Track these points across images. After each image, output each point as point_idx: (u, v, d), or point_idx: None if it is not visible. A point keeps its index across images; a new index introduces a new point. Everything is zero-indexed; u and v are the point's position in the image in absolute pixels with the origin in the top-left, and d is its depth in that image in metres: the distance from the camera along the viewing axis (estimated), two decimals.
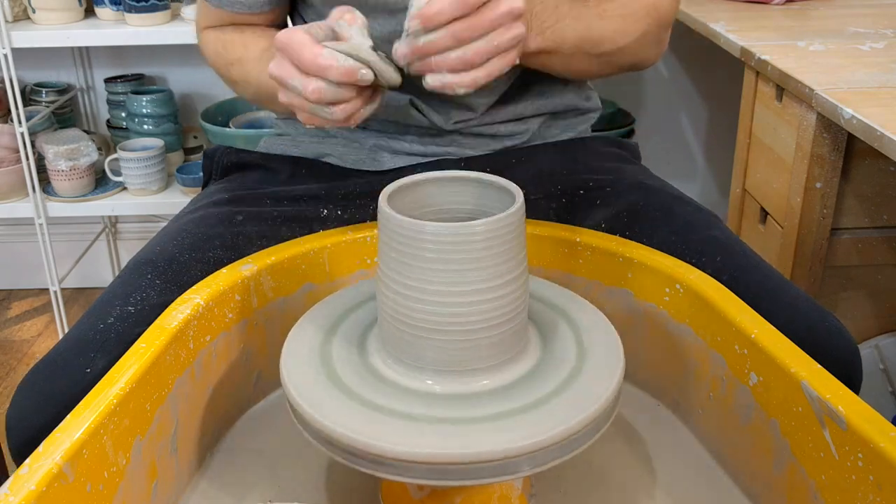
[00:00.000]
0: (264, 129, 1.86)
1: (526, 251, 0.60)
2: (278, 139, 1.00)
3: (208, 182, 1.01)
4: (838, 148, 1.19)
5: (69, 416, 0.55)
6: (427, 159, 0.92)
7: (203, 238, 0.82)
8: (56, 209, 1.90)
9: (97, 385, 0.58)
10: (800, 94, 1.17)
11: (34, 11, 1.79)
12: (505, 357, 0.60)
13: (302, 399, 0.57)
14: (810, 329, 0.71)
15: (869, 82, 1.15)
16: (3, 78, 1.76)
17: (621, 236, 0.79)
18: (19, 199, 1.92)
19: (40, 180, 1.88)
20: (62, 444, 0.53)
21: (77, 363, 0.69)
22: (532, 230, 0.76)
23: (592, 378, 0.59)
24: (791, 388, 0.59)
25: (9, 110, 1.80)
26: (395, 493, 0.63)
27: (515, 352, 0.60)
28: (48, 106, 2.01)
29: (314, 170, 0.94)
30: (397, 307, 0.58)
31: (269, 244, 0.78)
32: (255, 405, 0.77)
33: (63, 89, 2.06)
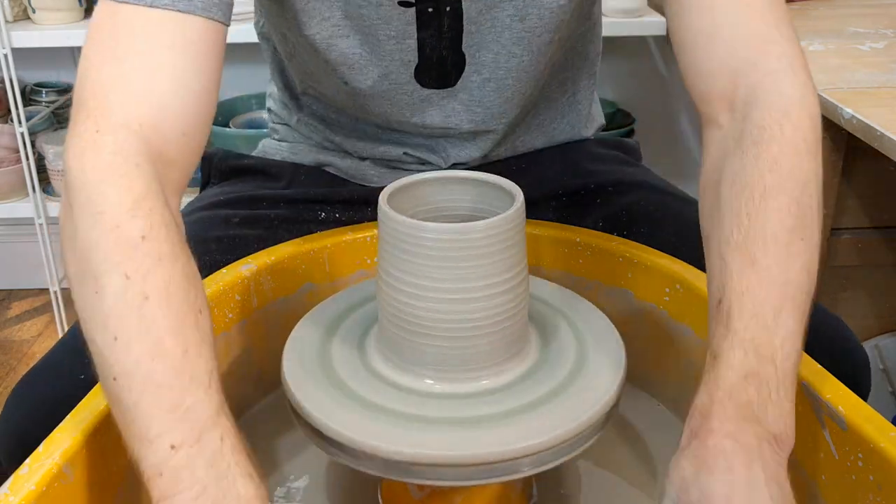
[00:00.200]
0: (264, 129, 1.85)
1: (526, 251, 0.60)
2: (277, 144, 0.99)
3: (206, 185, 1.01)
4: (838, 148, 1.19)
5: (69, 416, 0.55)
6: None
7: (199, 241, 0.81)
8: (56, 209, 1.90)
9: (97, 385, 0.58)
10: None
11: (34, 11, 1.79)
12: (505, 357, 0.59)
13: (302, 399, 0.57)
14: (815, 332, 0.70)
15: (869, 82, 1.15)
16: (3, 78, 1.75)
17: (621, 236, 0.78)
18: (19, 199, 1.91)
19: (40, 180, 1.87)
20: (62, 444, 0.53)
21: (71, 368, 0.69)
22: (532, 230, 0.76)
23: (593, 378, 0.59)
24: None
25: (9, 110, 1.80)
26: (395, 493, 0.63)
27: (515, 352, 0.60)
28: (48, 106, 2.01)
29: (314, 176, 0.93)
30: (397, 307, 0.58)
31: (266, 247, 0.77)
32: (255, 405, 0.77)
33: (63, 89, 2.06)
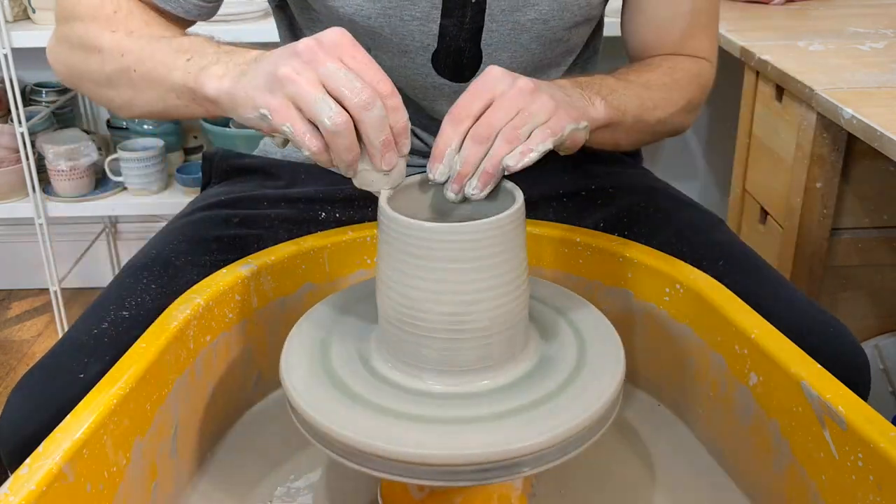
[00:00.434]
0: None
1: (526, 251, 0.60)
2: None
3: (207, 185, 1.01)
4: (838, 148, 1.19)
5: (69, 416, 0.55)
6: None
7: (199, 241, 0.81)
8: (56, 209, 1.90)
9: (97, 385, 0.58)
10: (800, 94, 1.17)
11: (34, 11, 1.79)
12: (505, 357, 0.59)
13: (302, 399, 0.57)
14: (815, 335, 0.71)
15: (869, 82, 1.15)
16: (3, 78, 1.75)
17: (622, 237, 0.78)
18: (19, 199, 1.91)
19: (40, 180, 1.87)
20: (62, 444, 0.53)
21: (71, 368, 0.69)
22: (532, 230, 0.76)
23: (593, 378, 0.59)
24: (791, 388, 0.59)
25: (9, 110, 1.79)
26: (395, 493, 0.63)
27: (516, 352, 0.60)
28: (48, 106, 2.00)
29: (314, 175, 0.93)
30: (397, 307, 0.58)
31: (266, 246, 0.78)
32: (255, 405, 0.77)
33: (63, 89, 2.06)
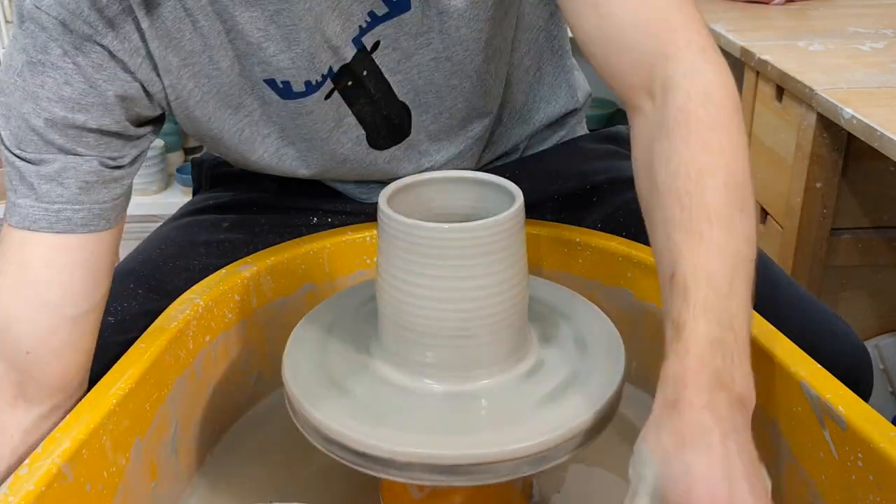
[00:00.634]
0: None
1: (526, 251, 0.60)
2: None
3: (198, 190, 1.00)
4: (838, 148, 1.19)
5: (69, 416, 0.55)
6: None
7: (188, 246, 0.81)
8: None
9: (97, 385, 0.58)
10: (800, 94, 1.17)
11: None
12: (505, 357, 0.59)
13: (302, 399, 0.57)
14: (818, 332, 0.70)
15: (869, 82, 1.15)
16: None
17: (620, 235, 0.78)
18: None
19: None
20: (62, 444, 0.53)
21: None
22: (532, 230, 0.76)
23: (593, 378, 0.59)
24: (791, 388, 0.59)
25: None
26: (395, 493, 0.63)
27: (515, 352, 0.60)
28: None
29: (305, 184, 0.92)
30: (397, 307, 0.58)
31: (256, 251, 0.77)
32: (255, 405, 0.77)
33: None
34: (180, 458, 0.66)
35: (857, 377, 0.72)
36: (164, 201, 1.90)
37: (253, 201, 0.88)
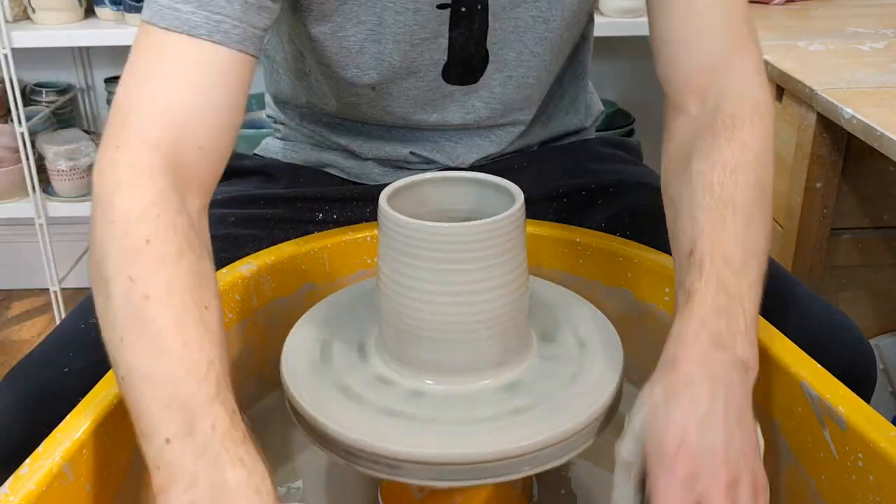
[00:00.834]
0: (264, 129, 1.85)
1: (526, 251, 0.60)
2: (278, 143, 0.99)
3: None
4: (838, 148, 1.18)
5: (69, 416, 0.55)
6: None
7: None
8: (56, 209, 1.90)
9: (97, 385, 0.58)
10: (800, 94, 1.17)
11: (34, 11, 1.79)
12: (505, 357, 0.59)
13: (302, 399, 0.57)
14: (821, 329, 0.70)
15: (869, 82, 1.15)
16: (3, 78, 1.75)
17: (623, 237, 0.78)
18: (19, 199, 1.91)
19: (40, 180, 1.87)
20: (62, 444, 0.53)
21: (57, 362, 0.69)
22: (532, 230, 0.76)
23: (593, 378, 0.59)
24: (791, 388, 0.59)
25: (9, 110, 1.79)
26: (395, 493, 0.63)
27: (515, 352, 0.60)
28: (48, 106, 2.00)
29: (312, 177, 0.92)
30: (397, 307, 0.58)
31: (263, 246, 0.77)
32: (255, 405, 0.77)
33: (63, 89, 2.06)
34: None
35: (860, 371, 0.71)
36: None
37: (259, 196, 0.88)
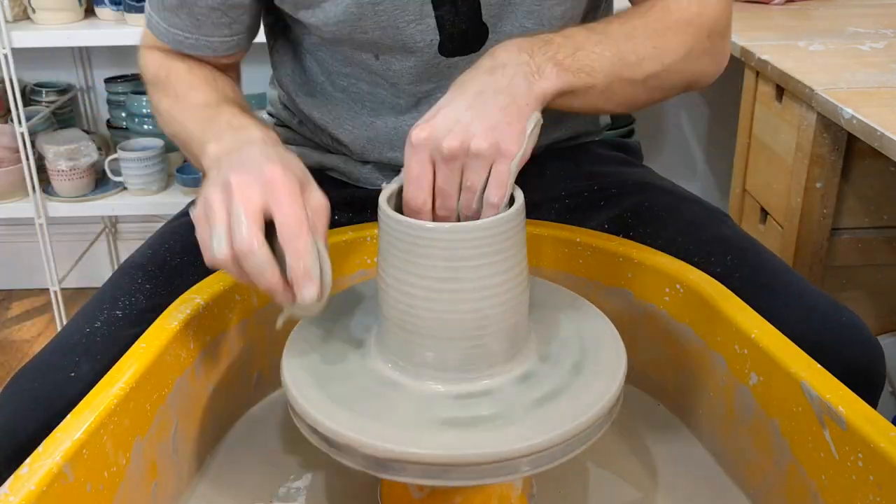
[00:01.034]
0: None
1: (526, 251, 0.60)
2: None
3: None
4: (838, 148, 1.19)
5: (69, 416, 0.55)
6: None
7: (196, 242, 0.81)
8: (56, 209, 1.90)
9: (97, 385, 0.58)
10: (800, 95, 1.17)
11: (34, 11, 1.79)
12: (505, 357, 0.59)
13: (302, 399, 0.57)
14: (829, 326, 0.70)
15: (869, 82, 1.15)
16: (3, 78, 1.75)
17: (626, 237, 0.78)
18: (19, 199, 1.91)
19: (40, 180, 1.87)
20: (62, 444, 0.53)
21: (61, 367, 0.68)
22: (532, 230, 0.76)
23: (593, 378, 0.59)
24: (791, 388, 0.59)
25: (9, 110, 1.79)
26: (395, 493, 0.63)
27: (515, 352, 0.60)
28: (48, 106, 2.00)
29: (317, 181, 0.92)
30: (397, 307, 0.58)
31: None
32: (255, 405, 0.77)
33: (63, 89, 2.06)
34: (180, 458, 0.66)
35: (871, 366, 0.71)
36: (165, 201, 1.89)
37: None
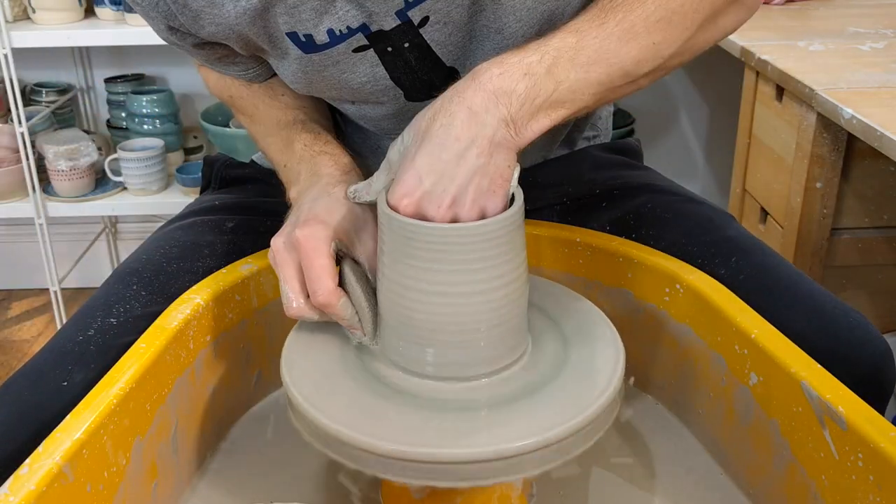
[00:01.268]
0: None
1: (526, 251, 0.60)
2: None
3: (206, 189, 1.00)
4: (838, 148, 1.19)
5: (69, 416, 0.55)
6: None
7: (192, 247, 0.80)
8: (56, 209, 1.90)
9: (97, 385, 0.58)
10: (800, 94, 1.17)
11: (34, 11, 1.79)
12: (505, 357, 0.59)
13: (302, 399, 0.57)
14: (836, 327, 0.70)
15: (869, 82, 1.15)
16: (3, 78, 1.75)
17: (629, 239, 0.78)
18: (19, 199, 1.91)
19: (40, 180, 1.87)
20: (62, 444, 0.53)
21: (54, 376, 0.67)
22: (532, 230, 0.76)
23: (592, 378, 0.59)
24: (791, 388, 0.59)
25: (9, 110, 1.79)
26: (395, 493, 0.63)
27: (515, 352, 0.60)
28: (48, 106, 2.00)
29: None
30: (397, 306, 0.58)
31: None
32: (255, 405, 0.77)
33: (63, 89, 2.06)
34: (180, 458, 0.66)
35: (880, 365, 0.70)
36: (164, 201, 1.89)
37: (257, 204, 0.88)
